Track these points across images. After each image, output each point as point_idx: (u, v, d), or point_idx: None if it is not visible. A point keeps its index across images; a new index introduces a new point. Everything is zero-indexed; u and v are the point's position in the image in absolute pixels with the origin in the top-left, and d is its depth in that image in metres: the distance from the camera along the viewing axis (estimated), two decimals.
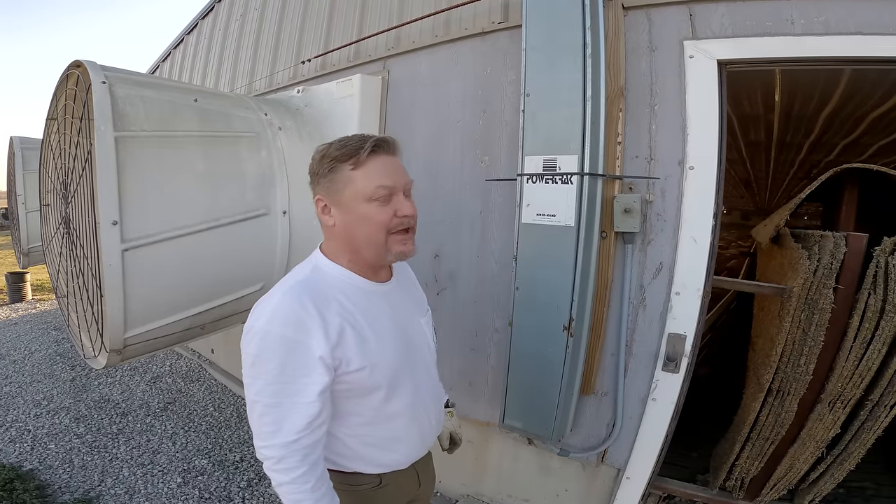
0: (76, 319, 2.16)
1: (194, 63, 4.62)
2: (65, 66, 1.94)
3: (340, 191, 1.00)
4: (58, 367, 4.24)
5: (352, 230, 1.01)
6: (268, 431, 0.94)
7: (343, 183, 0.99)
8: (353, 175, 0.98)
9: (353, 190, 0.99)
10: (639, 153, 1.73)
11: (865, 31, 1.42)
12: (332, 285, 1.01)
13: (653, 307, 1.74)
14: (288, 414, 0.93)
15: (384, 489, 1.15)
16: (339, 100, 2.43)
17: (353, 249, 1.04)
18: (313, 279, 1.01)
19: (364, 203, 0.98)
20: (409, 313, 1.17)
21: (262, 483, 2.64)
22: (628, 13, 1.73)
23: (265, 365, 0.92)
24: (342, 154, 0.99)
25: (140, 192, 1.73)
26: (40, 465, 2.75)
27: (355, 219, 1.00)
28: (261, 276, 2.17)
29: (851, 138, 3.41)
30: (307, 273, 1.02)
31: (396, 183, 1.00)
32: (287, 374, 0.92)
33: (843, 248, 1.60)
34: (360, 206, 0.99)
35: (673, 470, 2.15)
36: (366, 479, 1.12)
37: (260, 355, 0.92)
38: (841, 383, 1.65)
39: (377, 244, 1.01)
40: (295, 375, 0.93)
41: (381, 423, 1.08)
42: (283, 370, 0.92)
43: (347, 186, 0.99)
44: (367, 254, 1.03)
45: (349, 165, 0.98)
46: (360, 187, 0.98)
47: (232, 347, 3.89)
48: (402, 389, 1.08)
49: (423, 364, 1.17)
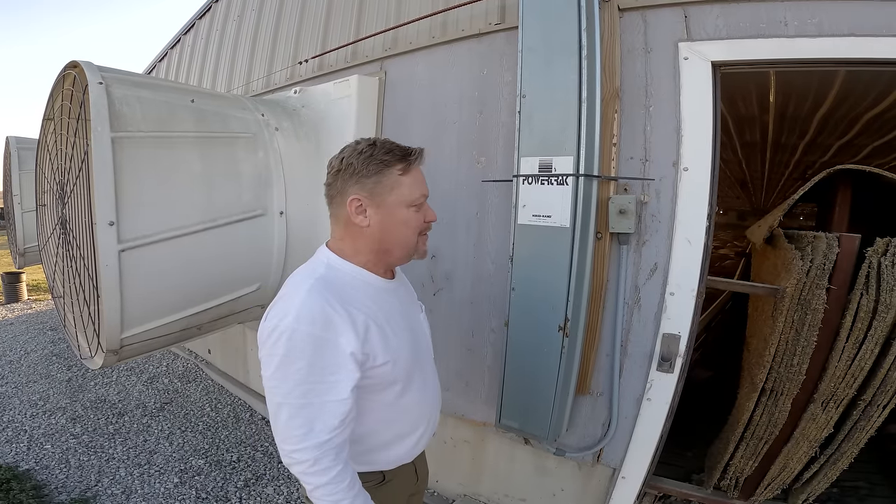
0: (72, 320, 2.16)
1: (191, 63, 4.61)
2: (58, 66, 1.94)
3: (385, 193, 1.02)
4: (54, 368, 4.24)
5: (388, 230, 1.05)
6: (299, 434, 0.92)
7: (390, 186, 1.02)
8: (402, 180, 1.03)
9: (399, 194, 1.03)
10: (634, 154, 1.73)
11: (858, 33, 1.43)
12: (347, 283, 1.03)
13: (647, 308, 1.75)
14: (319, 414, 0.93)
15: (388, 485, 1.17)
16: (336, 100, 2.43)
17: (382, 249, 1.07)
18: (331, 277, 1.02)
19: (405, 208, 1.04)
20: (412, 309, 1.22)
21: (259, 483, 2.64)
22: (624, 14, 1.73)
23: (294, 364, 0.91)
24: (392, 158, 1.02)
25: (137, 192, 1.73)
26: (37, 465, 2.75)
27: (395, 221, 1.04)
28: (257, 276, 2.17)
29: (846, 139, 3.43)
30: (323, 271, 1.03)
31: (427, 192, 1.09)
32: (317, 373, 0.92)
33: (836, 249, 1.61)
34: (402, 210, 1.04)
35: (668, 469, 2.16)
36: (370, 476, 1.14)
37: (288, 355, 0.91)
38: (834, 383, 1.66)
39: (409, 245, 1.08)
40: (324, 374, 0.92)
41: (393, 418, 1.12)
42: (313, 369, 0.92)
43: (394, 190, 1.02)
44: (397, 253, 1.08)
45: (398, 170, 1.02)
46: (405, 193, 1.03)
47: (229, 348, 3.89)
48: (415, 383, 1.12)
49: (427, 358, 1.22)
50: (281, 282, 2.28)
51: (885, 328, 1.57)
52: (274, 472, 2.75)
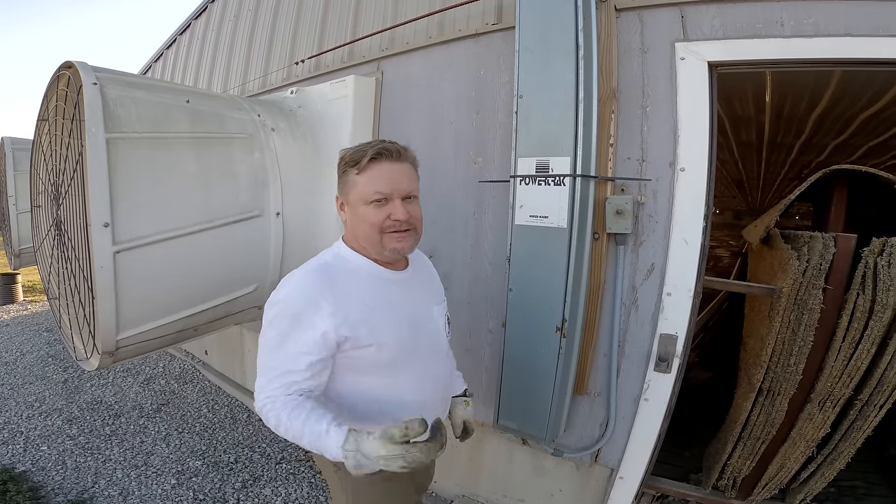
0: (68, 321, 2.15)
1: (187, 63, 4.60)
2: (54, 64, 1.93)
3: (348, 192, 1.14)
4: (50, 369, 4.21)
5: (355, 227, 1.14)
6: (260, 385, 1.06)
7: (350, 185, 1.13)
8: (357, 179, 1.11)
9: (356, 192, 1.11)
10: (630, 155, 1.73)
11: (855, 33, 1.43)
12: (350, 270, 1.13)
13: (645, 308, 1.75)
14: (279, 374, 1.04)
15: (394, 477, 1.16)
16: (332, 101, 2.42)
17: (359, 243, 1.16)
18: (334, 263, 1.14)
19: (363, 205, 1.11)
20: (423, 301, 1.27)
21: (257, 484, 2.63)
22: (621, 15, 1.73)
23: (273, 330, 1.06)
24: (351, 159, 1.11)
25: (132, 193, 1.72)
26: (33, 466, 2.73)
27: (356, 217, 1.13)
28: (254, 277, 2.17)
29: (842, 139, 3.43)
30: (329, 259, 1.15)
31: (394, 189, 1.10)
32: (287, 342, 1.04)
33: (832, 249, 1.61)
34: (360, 207, 1.11)
35: (666, 469, 2.17)
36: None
37: (272, 322, 1.07)
38: (830, 383, 1.67)
39: (373, 241, 1.12)
40: (293, 345, 1.04)
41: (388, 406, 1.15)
42: (285, 338, 1.04)
43: (352, 189, 1.12)
44: (368, 249, 1.15)
45: (355, 170, 1.11)
46: (360, 191, 1.10)
47: (226, 349, 3.87)
48: (408, 372, 1.17)
49: (432, 349, 1.25)
50: (278, 282, 2.28)
51: (882, 328, 1.57)
52: (272, 473, 2.74)
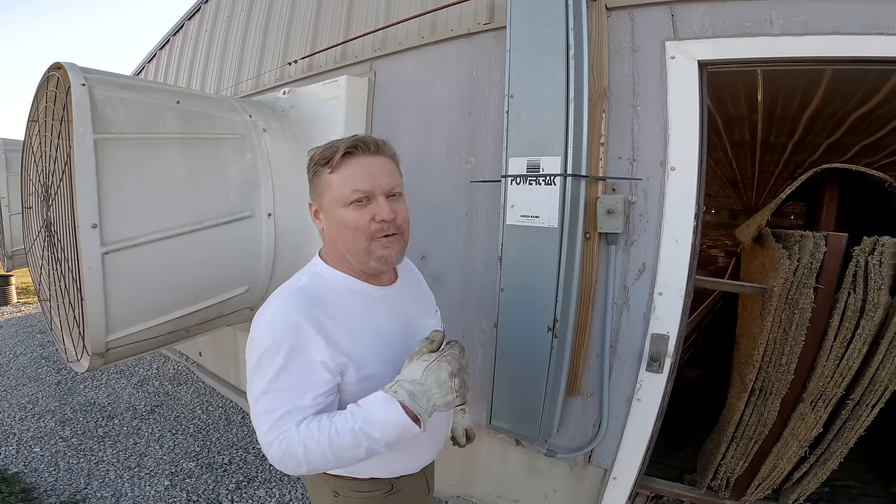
0: (59, 323, 2.13)
1: (180, 64, 4.58)
2: (46, 66, 1.92)
3: (321, 195, 0.98)
4: (43, 371, 4.19)
5: (334, 236, 0.99)
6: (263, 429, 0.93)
7: (323, 187, 0.98)
8: (330, 179, 0.96)
9: (331, 194, 0.96)
10: (621, 154, 1.73)
11: (843, 31, 1.43)
12: (331, 290, 0.99)
13: (636, 308, 1.74)
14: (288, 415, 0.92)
15: (396, 495, 1.14)
16: (325, 101, 2.41)
17: (340, 253, 1.01)
18: (312, 285, 0.99)
19: (340, 207, 0.96)
20: (415, 316, 1.14)
21: (251, 485, 2.62)
22: (611, 14, 1.73)
23: (267, 371, 0.91)
24: (321, 158, 0.97)
25: (120, 194, 1.71)
26: (25, 468, 2.72)
27: (336, 224, 0.98)
28: (246, 278, 2.15)
29: (834, 138, 3.45)
30: (306, 280, 1.00)
31: (375, 186, 0.96)
32: (287, 378, 0.91)
33: (823, 248, 1.61)
34: (338, 210, 0.96)
35: (660, 469, 2.16)
36: (377, 484, 1.11)
37: (261, 364, 0.92)
38: (822, 382, 1.66)
39: (358, 250, 0.98)
40: (291, 381, 0.91)
41: None
42: (283, 374, 0.91)
43: (326, 191, 0.97)
44: (352, 260, 1.00)
45: (327, 169, 0.96)
46: (336, 191, 0.96)
47: (220, 350, 3.86)
48: None
49: None
50: (270, 283, 2.26)
51: (873, 327, 1.57)
52: (266, 474, 2.73)
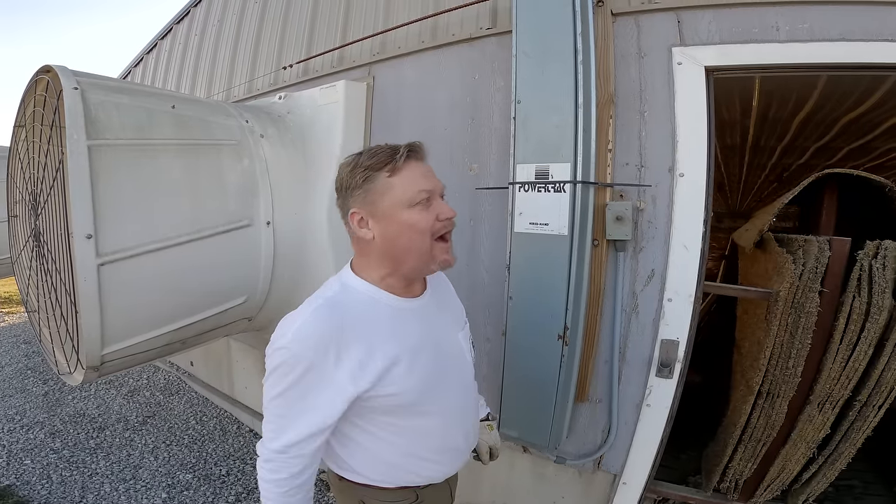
0: (49, 335, 2.05)
1: (168, 69, 4.48)
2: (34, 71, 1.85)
3: (378, 200, 0.97)
4: (29, 382, 4.07)
5: (394, 240, 0.98)
6: (268, 437, 0.99)
7: (381, 192, 0.97)
8: (392, 182, 0.96)
9: (393, 197, 0.96)
10: (629, 160, 1.72)
11: (849, 38, 1.44)
12: (360, 303, 0.99)
13: (645, 314, 1.74)
14: (289, 427, 0.96)
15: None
16: (322, 106, 2.37)
17: (394, 262, 1.00)
18: (340, 299, 0.99)
19: (406, 209, 0.96)
20: (444, 328, 1.14)
21: (251, 497, 2.57)
22: (617, 19, 1.72)
23: (283, 380, 0.94)
24: (376, 162, 0.97)
25: (116, 203, 1.65)
26: (17, 480, 2.64)
27: (398, 228, 0.97)
28: (244, 289, 2.10)
29: (823, 142, 3.50)
30: (336, 291, 1.01)
31: (435, 186, 1.00)
32: (299, 392, 0.93)
33: (827, 252, 1.62)
34: (402, 212, 0.96)
35: (663, 472, 2.16)
36: (402, 494, 1.11)
37: (278, 370, 0.94)
38: (829, 385, 1.68)
39: (422, 252, 0.98)
40: (305, 395, 0.94)
41: (413, 440, 1.07)
42: (295, 388, 0.93)
43: (386, 194, 0.97)
44: (411, 264, 1.00)
45: (385, 173, 0.96)
46: (400, 193, 0.96)
47: (212, 360, 3.77)
48: (432, 409, 1.06)
49: (458, 380, 1.14)
50: (269, 294, 2.21)
51: (878, 330, 1.59)
52: None
